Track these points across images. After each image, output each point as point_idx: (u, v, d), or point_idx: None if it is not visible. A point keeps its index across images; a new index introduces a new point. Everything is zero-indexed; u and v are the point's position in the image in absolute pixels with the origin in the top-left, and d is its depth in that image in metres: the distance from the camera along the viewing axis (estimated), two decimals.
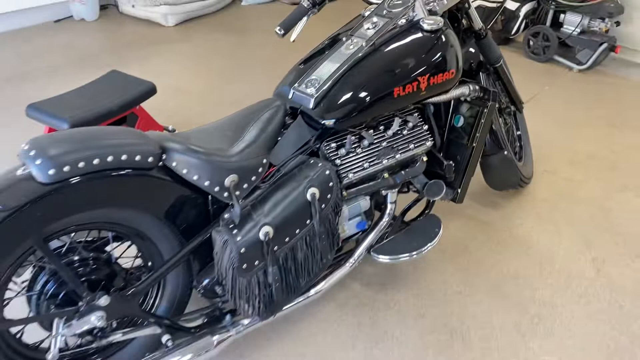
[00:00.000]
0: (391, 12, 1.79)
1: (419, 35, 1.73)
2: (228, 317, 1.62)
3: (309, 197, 1.56)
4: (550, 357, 1.77)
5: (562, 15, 3.80)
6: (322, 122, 1.65)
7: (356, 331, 1.83)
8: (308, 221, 1.57)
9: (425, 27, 1.73)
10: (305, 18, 1.91)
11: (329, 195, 1.60)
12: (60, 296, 1.41)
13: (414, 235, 1.94)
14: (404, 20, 1.76)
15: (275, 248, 1.51)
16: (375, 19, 1.79)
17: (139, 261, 1.58)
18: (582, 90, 3.55)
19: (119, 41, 3.87)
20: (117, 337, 1.50)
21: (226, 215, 1.51)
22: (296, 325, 1.84)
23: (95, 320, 1.39)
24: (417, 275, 2.06)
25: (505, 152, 2.22)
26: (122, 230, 1.46)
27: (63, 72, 3.43)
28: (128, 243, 1.56)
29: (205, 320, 1.65)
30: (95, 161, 1.28)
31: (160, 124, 2.59)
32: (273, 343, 1.78)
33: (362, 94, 1.64)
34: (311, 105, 1.65)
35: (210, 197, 1.52)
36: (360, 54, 1.69)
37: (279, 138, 1.67)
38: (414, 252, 1.87)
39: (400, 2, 1.81)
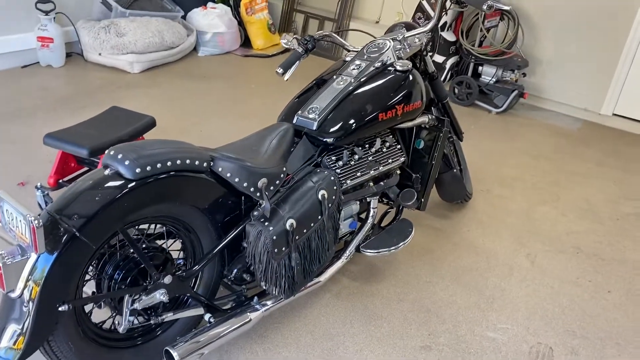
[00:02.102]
0: (370, 56, 2.28)
1: (394, 74, 2.23)
2: (255, 299, 1.94)
3: (320, 197, 1.95)
4: (505, 325, 2.24)
5: (480, 67, 4.54)
6: (324, 140, 2.08)
7: (352, 313, 2.21)
8: (319, 217, 1.96)
9: (398, 68, 2.23)
10: (297, 62, 2.36)
11: (333, 197, 2.01)
12: (127, 279, 1.69)
13: (392, 235, 2.37)
14: (379, 63, 2.25)
15: (297, 237, 1.89)
16: (358, 62, 2.27)
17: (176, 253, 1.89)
18: (500, 128, 4.24)
19: (90, 85, 4.12)
20: (169, 315, 1.79)
21: (255, 213, 1.86)
22: (302, 311, 2.19)
23: (159, 296, 1.68)
24: (393, 270, 2.48)
25: (455, 170, 2.75)
26: (176, 223, 1.78)
27: (44, 111, 3.63)
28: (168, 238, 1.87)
29: (233, 305, 1.97)
30: (169, 163, 1.61)
31: None
32: (286, 324, 2.11)
33: (355, 118, 2.09)
34: (314, 127, 2.07)
35: (243, 197, 1.88)
36: (350, 88, 2.15)
37: (291, 152, 2.07)
38: (394, 247, 2.30)
39: (376, 49, 2.31)
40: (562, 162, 3.76)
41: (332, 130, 2.07)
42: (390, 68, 2.24)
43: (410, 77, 2.25)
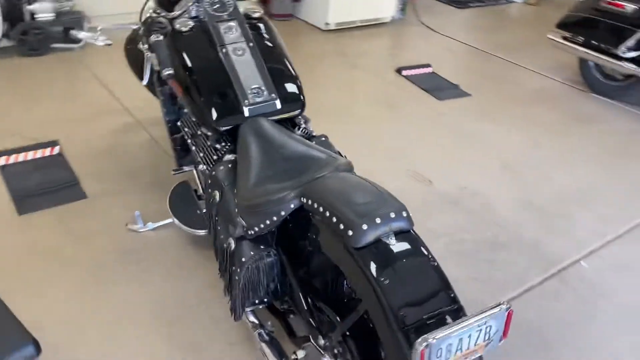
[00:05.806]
0: (227, 13, 1.98)
1: (262, 22, 2.08)
2: None
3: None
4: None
5: (31, 6, 3.80)
6: (295, 113, 1.92)
7: None
8: None
9: (256, 15, 2.09)
10: None
11: None
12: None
13: None
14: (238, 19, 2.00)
15: None
16: (226, 25, 1.95)
17: None
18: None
19: None
20: None
21: None
22: None
23: None
24: None
25: None
26: None
27: None
28: None
29: None
30: None
31: None
32: None
33: (296, 80, 1.98)
34: (279, 106, 1.87)
35: None
36: (257, 53, 1.93)
37: None
38: None
39: (220, 6, 2.01)
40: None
41: (293, 101, 1.94)
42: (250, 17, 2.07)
43: (269, 21, 2.15)
